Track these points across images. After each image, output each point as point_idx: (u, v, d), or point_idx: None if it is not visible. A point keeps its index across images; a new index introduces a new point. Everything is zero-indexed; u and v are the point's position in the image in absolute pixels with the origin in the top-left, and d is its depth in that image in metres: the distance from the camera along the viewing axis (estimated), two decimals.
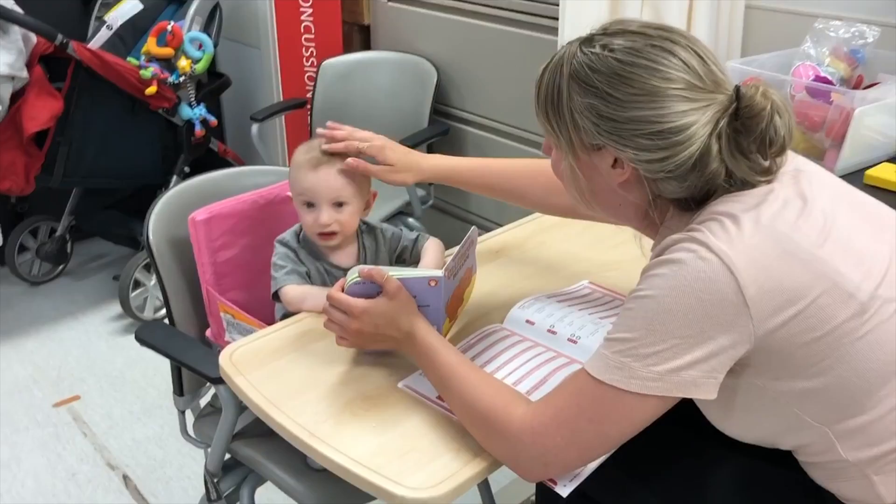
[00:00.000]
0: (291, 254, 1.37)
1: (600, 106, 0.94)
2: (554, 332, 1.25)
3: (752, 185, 0.95)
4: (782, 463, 1.03)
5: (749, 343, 0.88)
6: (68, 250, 3.03)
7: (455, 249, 1.22)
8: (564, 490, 0.99)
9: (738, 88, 0.94)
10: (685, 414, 1.00)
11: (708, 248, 0.88)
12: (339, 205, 1.34)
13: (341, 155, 1.35)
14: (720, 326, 0.87)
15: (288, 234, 1.40)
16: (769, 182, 0.96)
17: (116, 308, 2.80)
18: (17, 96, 2.45)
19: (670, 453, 1.14)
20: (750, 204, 0.93)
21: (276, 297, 1.35)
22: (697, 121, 0.92)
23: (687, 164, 0.93)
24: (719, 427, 1.02)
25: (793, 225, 0.91)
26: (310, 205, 1.34)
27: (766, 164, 0.96)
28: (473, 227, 1.26)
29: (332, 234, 1.35)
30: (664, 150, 0.92)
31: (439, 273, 1.12)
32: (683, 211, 0.99)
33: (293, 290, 1.33)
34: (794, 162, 1.01)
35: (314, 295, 1.31)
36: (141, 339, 1.38)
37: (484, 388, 1.01)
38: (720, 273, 0.87)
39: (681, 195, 0.97)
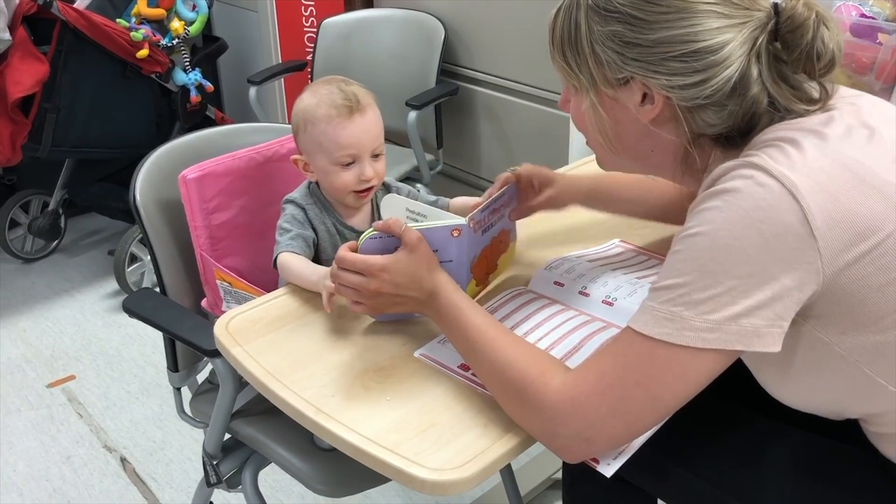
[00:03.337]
0: (300, 213, 1.23)
1: (625, 31, 0.85)
2: (587, 294, 1.13)
3: (801, 116, 0.85)
4: (846, 437, 0.92)
5: (816, 284, 0.77)
6: (62, 225, 2.92)
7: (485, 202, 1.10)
8: (608, 469, 0.87)
9: (775, 5, 0.85)
10: (728, 384, 0.88)
11: (767, 173, 0.77)
12: (376, 155, 1.22)
13: (368, 100, 1.20)
14: (784, 263, 0.75)
15: (296, 192, 1.27)
16: (823, 111, 0.85)
17: (112, 284, 2.70)
18: None
19: (714, 428, 1.01)
20: (810, 128, 0.82)
21: (276, 264, 1.22)
22: (734, 38, 0.83)
23: (725, 88, 0.83)
24: (774, 393, 0.90)
25: (863, 150, 0.80)
26: (348, 161, 1.20)
27: (815, 91, 0.86)
28: (514, 181, 1.13)
29: (370, 189, 1.23)
30: (700, 73, 0.83)
31: (462, 221, 1.01)
32: (729, 149, 0.88)
33: (285, 258, 1.18)
34: (849, 91, 0.91)
35: (301, 268, 1.16)
36: (129, 310, 1.27)
37: (517, 354, 0.89)
38: (782, 199, 0.75)
39: (721, 127, 0.87)
